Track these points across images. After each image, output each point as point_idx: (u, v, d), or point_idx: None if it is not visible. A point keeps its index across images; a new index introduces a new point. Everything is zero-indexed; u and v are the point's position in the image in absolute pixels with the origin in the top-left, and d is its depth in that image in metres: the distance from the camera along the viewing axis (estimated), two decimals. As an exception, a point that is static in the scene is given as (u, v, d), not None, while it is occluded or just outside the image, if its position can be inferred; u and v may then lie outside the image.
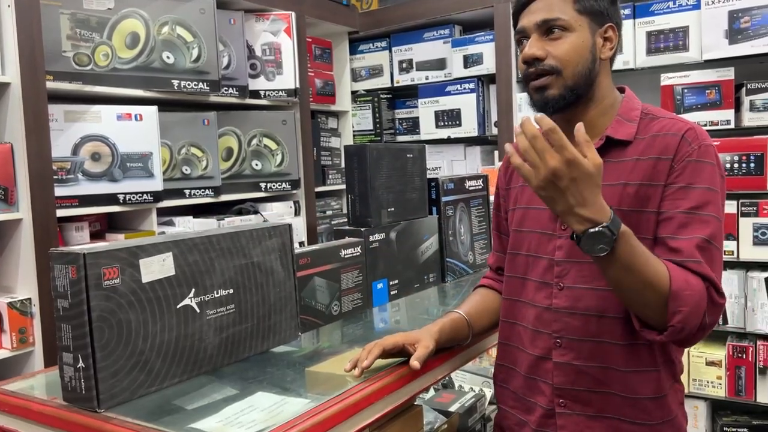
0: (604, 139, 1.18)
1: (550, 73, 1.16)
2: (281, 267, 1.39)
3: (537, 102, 1.19)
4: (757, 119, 2.52)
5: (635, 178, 1.14)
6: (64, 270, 1.06)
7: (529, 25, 1.18)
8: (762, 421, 2.64)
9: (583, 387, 1.18)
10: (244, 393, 1.15)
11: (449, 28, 3.28)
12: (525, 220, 1.28)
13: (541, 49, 1.16)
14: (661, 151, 1.14)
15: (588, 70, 1.17)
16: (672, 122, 1.17)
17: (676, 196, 1.11)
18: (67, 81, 2.15)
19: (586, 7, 1.17)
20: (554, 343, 1.20)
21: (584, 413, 1.18)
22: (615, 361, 1.16)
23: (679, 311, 1.03)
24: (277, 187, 2.86)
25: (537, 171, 0.97)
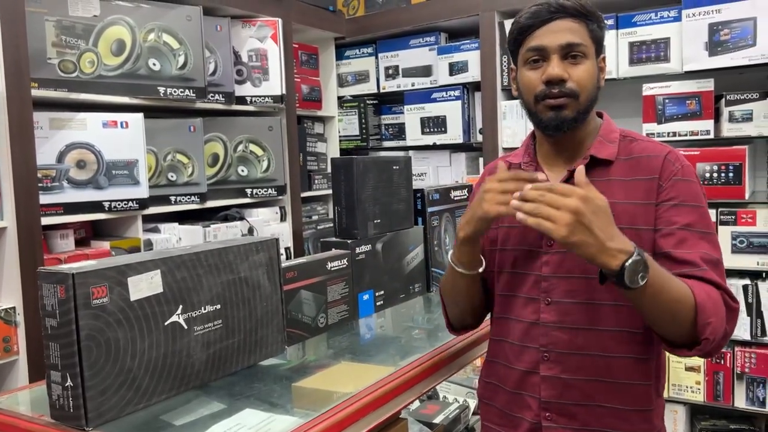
0: (588, 158, 1.22)
1: (569, 96, 1.18)
2: (268, 281, 1.41)
3: (550, 121, 1.20)
4: (735, 130, 2.57)
5: (622, 197, 1.18)
6: (52, 289, 1.06)
7: (552, 45, 1.18)
8: (739, 425, 2.69)
9: (570, 400, 1.20)
10: (231, 409, 1.17)
11: (435, 36, 3.30)
12: (509, 239, 1.30)
13: (564, 71, 1.17)
14: (646, 172, 1.19)
15: (595, 96, 1.22)
16: (652, 145, 1.24)
17: (671, 213, 1.16)
18: (52, 88, 2.14)
19: (595, 36, 1.21)
20: (542, 357, 1.22)
21: (570, 426, 1.20)
22: (602, 373, 1.19)
23: (708, 322, 1.05)
24: (263, 192, 2.86)
25: (558, 219, 1.00)
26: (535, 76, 1.20)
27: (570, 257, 1.18)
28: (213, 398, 1.23)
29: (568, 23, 1.18)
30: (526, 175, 1.10)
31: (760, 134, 2.53)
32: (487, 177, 1.17)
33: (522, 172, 1.12)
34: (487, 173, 1.42)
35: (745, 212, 2.56)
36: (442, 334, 1.63)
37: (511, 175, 1.12)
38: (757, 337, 2.58)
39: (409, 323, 1.80)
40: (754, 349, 2.58)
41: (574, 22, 1.18)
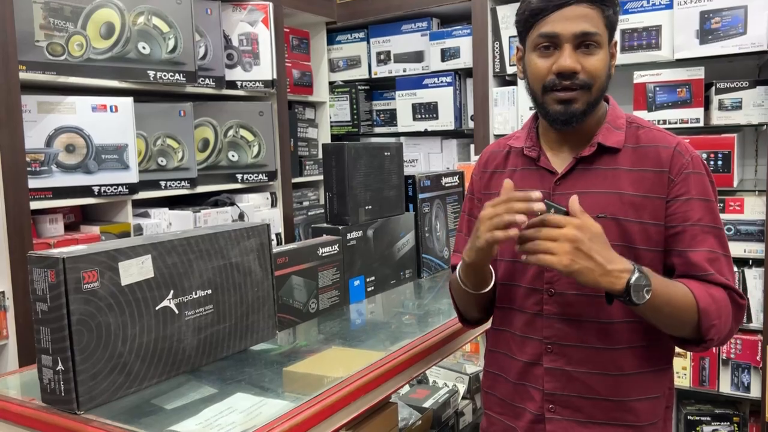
0: (596, 146, 1.18)
1: (580, 88, 1.13)
2: (259, 267, 1.41)
3: (558, 114, 1.15)
4: (725, 118, 2.59)
5: (630, 188, 1.15)
6: (43, 274, 1.06)
7: (566, 33, 1.11)
8: (724, 410, 2.74)
9: (574, 393, 1.18)
10: (222, 394, 1.17)
11: (427, 21, 3.29)
12: None
13: (577, 63, 1.12)
14: (655, 164, 1.16)
15: (605, 86, 1.18)
16: (661, 135, 1.19)
17: (682, 210, 1.13)
18: (40, 71, 2.12)
19: (610, 22, 1.15)
20: (545, 348, 1.19)
21: (574, 419, 1.18)
22: (606, 366, 1.16)
23: (712, 325, 1.08)
24: (254, 178, 2.85)
25: (558, 251, 1.01)
26: (545, 65, 1.14)
27: None
28: (204, 383, 1.23)
29: (584, 9, 1.11)
30: (520, 195, 1.06)
31: (749, 122, 2.55)
32: (486, 204, 1.10)
33: (516, 192, 1.07)
34: (486, 155, 1.37)
35: (733, 200, 2.58)
36: (432, 319, 1.65)
37: (503, 198, 1.07)
38: (742, 323, 2.61)
39: (400, 309, 1.81)
40: (740, 336, 2.62)
41: (589, 7, 1.11)
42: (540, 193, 1.06)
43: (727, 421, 2.72)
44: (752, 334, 2.61)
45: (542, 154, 1.24)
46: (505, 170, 1.29)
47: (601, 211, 1.14)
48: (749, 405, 2.74)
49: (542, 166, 1.22)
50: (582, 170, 1.19)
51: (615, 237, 1.12)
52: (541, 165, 1.22)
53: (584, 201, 1.10)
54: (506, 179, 1.10)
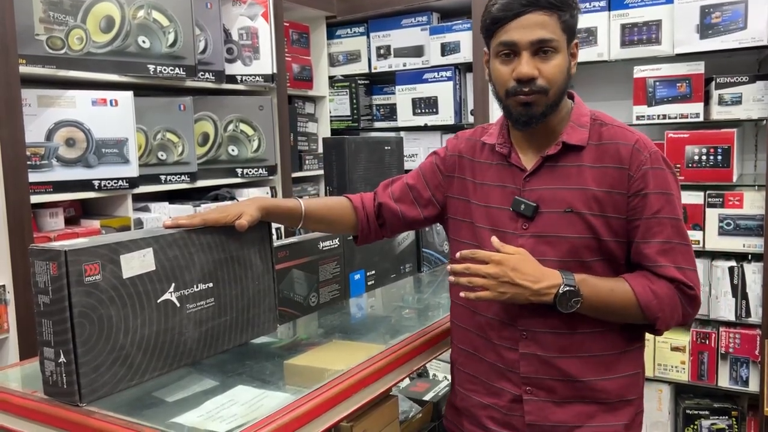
0: (561, 144, 1.24)
1: (539, 92, 1.19)
2: (260, 260, 1.41)
3: (520, 116, 1.22)
4: (725, 113, 2.59)
5: (594, 184, 1.21)
6: (44, 266, 1.06)
7: (522, 40, 1.17)
8: (722, 404, 2.75)
9: (548, 375, 1.25)
10: (224, 386, 1.18)
11: (427, 15, 3.28)
12: (483, 217, 1.31)
13: (535, 69, 1.18)
14: (615, 160, 1.22)
15: (565, 87, 1.24)
16: (621, 131, 1.25)
17: (638, 205, 1.20)
18: (40, 65, 2.12)
19: (567, 26, 1.20)
20: (520, 335, 1.26)
21: (550, 399, 1.25)
22: (576, 349, 1.24)
23: (657, 317, 1.19)
24: (254, 172, 2.85)
25: (488, 285, 1.17)
26: (506, 71, 1.20)
27: (544, 242, 1.23)
28: (205, 375, 1.24)
29: (540, 17, 1.17)
30: (467, 254, 1.21)
31: (749, 117, 2.55)
32: None
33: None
34: (463, 141, 1.42)
35: (732, 195, 2.58)
36: (432, 313, 1.65)
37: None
38: (741, 318, 2.62)
39: (400, 303, 1.82)
40: (738, 330, 2.63)
41: (545, 14, 1.17)
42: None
43: (726, 415, 2.73)
44: (751, 328, 2.61)
45: (513, 151, 1.30)
46: (481, 161, 1.36)
47: (567, 206, 1.22)
48: (747, 399, 2.75)
49: (513, 163, 1.29)
50: (549, 167, 1.26)
51: (582, 230, 1.21)
52: (512, 162, 1.30)
53: (552, 196, 1.23)
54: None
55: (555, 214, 1.22)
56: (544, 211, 1.23)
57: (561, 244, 1.22)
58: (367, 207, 1.46)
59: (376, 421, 1.47)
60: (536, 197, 1.24)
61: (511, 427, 1.29)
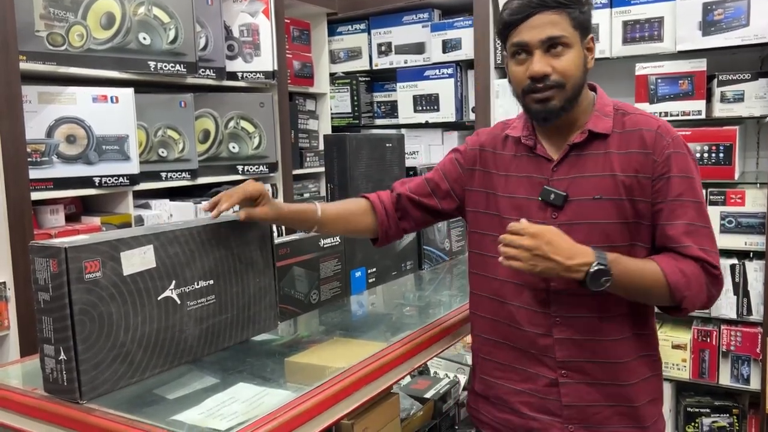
0: (587, 133, 1.28)
1: (554, 87, 1.23)
2: (261, 258, 1.41)
3: (538, 113, 1.27)
4: (727, 110, 2.58)
5: (620, 169, 1.25)
6: (44, 263, 1.06)
7: (533, 40, 1.22)
8: (723, 402, 2.74)
9: (582, 358, 1.29)
10: (224, 384, 1.18)
11: (428, 12, 3.27)
12: (511, 209, 1.34)
13: (547, 65, 1.22)
14: (640, 146, 1.26)
15: (582, 81, 1.27)
16: (644, 118, 1.29)
17: (662, 188, 1.24)
18: (40, 62, 2.11)
19: (578, 23, 1.24)
20: (553, 321, 1.29)
21: (583, 381, 1.29)
22: (608, 332, 1.28)
23: (683, 297, 1.20)
24: (255, 169, 2.85)
25: (521, 256, 1.17)
26: (521, 71, 1.25)
27: (575, 230, 1.24)
28: (206, 373, 1.23)
29: (549, 16, 1.21)
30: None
31: (751, 115, 2.54)
32: None
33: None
34: (484, 135, 1.45)
35: (734, 192, 2.58)
36: (433, 311, 1.65)
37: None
38: (742, 315, 2.61)
39: (401, 300, 1.81)
40: (740, 328, 2.62)
41: (554, 14, 1.21)
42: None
43: (727, 413, 2.73)
44: (752, 326, 2.61)
45: (538, 143, 1.33)
46: (505, 154, 1.39)
47: (596, 193, 1.25)
48: (749, 397, 2.75)
49: (539, 154, 1.32)
50: (575, 156, 1.29)
51: (611, 215, 1.25)
52: (538, 153, 1.33)
53: (580, 184, 1.26)
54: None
55: (584, 201, 1.26)
56: (573, 199, 1.27)
57: (592, 230, 1.25)
58: (384, 201, 1.48)
59: (377, 419, 1.47)
60: (564, 186, 1.28)
61: (546, 410, 1.32)
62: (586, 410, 1.29)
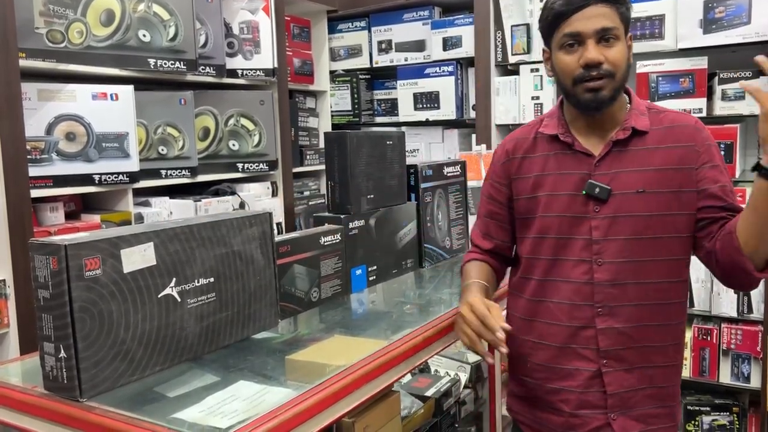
0: (630, 130, 1.34)
1: (606, 77, 1.28)
2: (261, 255, 1.40)
3: (589, 102, 1.31)
4: (728, 108, 2.58)
5: (663, 163, 1.31)
6: (44, 261, 1.06)
7: (588, 30, 1.28)
8: (723, 400, 2.74)
9: (623, 346, 1.33)
10: (225, 381, 1.17)
11: (429, 10, 3.27)
12: (551, 206, 1.38)
13: (601, 54, 1.28)
14: (681, 140, 1.33)
15: (627, 74, 1.33)
16: (679, 115, 1.38)
17: (711, 173, 1.30)
18: (40, 59, 2.11)
19: (625, 17, 1.31)
20: (596, 312, 1.33)
21: (622, 368, 1.34)
22: (649, 318, 1.33)
23: None
24: (255, 167, 2.85)
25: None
26: (572, 60, 1.30)
27: (618, 223, 1.31)
28: (206, 370, 1.23)
29: (601, 8, 1.27)
30: (493, 324, 1.23)
31: (752, 113, 2.54)
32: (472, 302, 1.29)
33: (490, 318, 1.24)
34: (513, 142, 1.48)
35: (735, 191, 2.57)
36: (434, 308, 1.65)
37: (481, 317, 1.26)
38: (743, 314, 2.61)
39: (401, 298, 1.81)
40: (740, 326, 2.62)
41: (605, 6, 1.27)
42: (509, 327, 1.24)
43: (727, 411, 2.73)
44: (752, 324, 2.61)
45: (575, 139, 1.38)
46: (536, 155, 1.43)
47: (639, 187, 1.31)
48: (749, 395, 2.75)
49: (579, 150, 1.37)
50: (617, 152, 1.34)
51: (654, 208, 1.30)
52: (577, 149, 1.37)
53: (623, 179, 1.32)
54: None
55: (628, 195, 1.31)
56: (617, 193, 1.31)
57: (635, 222, 1.31)
58: (491, 262, 1.54)
59: (377, 417, 1.46)
60: (607, 180, 1.32)
61: (587, 404, 1.35)
62: (624, 396, 1.34)
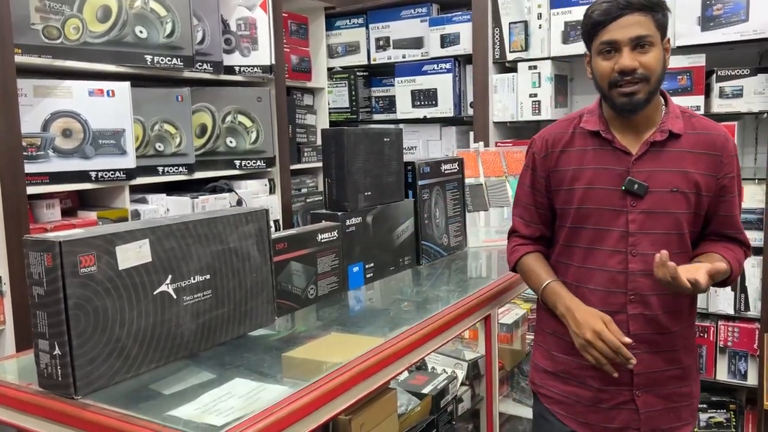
0: (667, 132, 1.42)
1: (640, 81, 1.36)
2: (258, 252, 1.40)
3: (624, 105, 1.39)
4: (725, 106, 2.58)
5: (692, 167, 1.42)
6: (39, 257, 1.05)
7: (623, 38, 1.35)
8: (720, 398, 2.75)
9: (651, 330, 1.45)
10: (221, 379, 1.17)
11: (427, 7, 3.26)
12: (588, 199, 1.47)
13: (635, 61, 1.35)
14: (710, 147, 1.43)
15: (662, 77, 1.41)
16: (710, 123, 1.47)
17: (728, 184, 1.44)
18: (36, 55, 2.09)
19: (660, 24, 1.38)
20: (629, 299, 1.44)
21: (649, 350, 1.45)
22: (670, 305, 1.45)
23: (734, 279, 1.48)
24: (252, 164, 2.84)
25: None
26: (608, 66, 1.38)
27: (652, 218, 1.42)
28: (203, 368, 1.23)
29: (636, 17, 1.34)
30: (626, 354, 1.36)
31: (750, 110, 2.54)
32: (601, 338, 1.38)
33: (624, 350, 1.36)
34: (552, 136, 1.54)
35: (733, 191, 2.57)
36: (431, 306, 1.64)
37: (609, 342, 1.37)
38: (740, 311, 2.61)
39: (399, 295, 1.81)
40: (737, 324, 2.62)
41: (641, 15, 1.34)
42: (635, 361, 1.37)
43: (724, 409, 2.73)
44: (750, 322, 2.61)
45: (614, 137, 1.46)
46: (573, 149, 1.50)
47: (674, 186, 1.41)
48: (746, 392, 2.75)
49: (618, 147, 1.45)
50: (654, 152, 1.43)
51: (684, 207, 1.42)
52: (617, 146, 1.45)
53: (658, 177, 1.41)
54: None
55: (663, 193, 1.41)
56: (653, 190, 1.41)
57: (668, 219, 1.42)
58: (543, 251, 1.62)
59: (374, 414, 1.46)
60: (643, 178, 1.41)
61: (615, 382, 1.44)
62: (651, 376, 1.46)
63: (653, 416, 1.47)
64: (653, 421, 1.48)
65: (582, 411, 1.52)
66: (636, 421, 1.47)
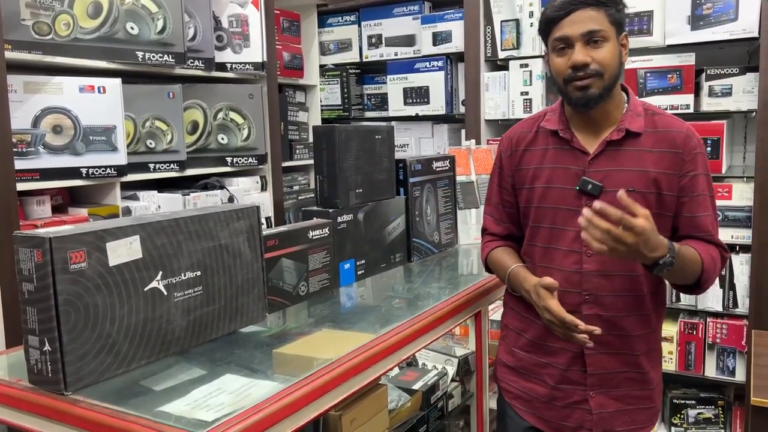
0: (624, 131, 1.41)
1: (593, 76, 1.36)
2: (249, 249, 1.40)
3: (578, 100, 1.38)
4: (714, 104, 2.60)
5: (652, 166, 1.39)
6: (29, 253, 1.05)
7: (574, 34, 1.35)
8: (709, 394, 2.77)
9: (606, 331, 1.41)
10: (212, 375, 1.17)
11: (419, 5, 3.27)
12: (546, 198, 1.47)
13: (587, 56, 1.35)
14: (671, 145, 1.40)
15: (617, 72, 1.40)
16: (672, 120, 1.44)
17: (692, 183, 1.40)
18: (26, 51, 2.08)
19: (615, 19, 1.37)
20: (583, 299, 1.44)
21: (604, 351, 1.45)
22: (630, 307, 1.44)
23: (708, 279, 1.39)
24: (244, 162, 2.83)
25: (619, 249, 1.23)
26: (563, 62, 1.38)
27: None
28: (193, 364, 1.23)
29: (588, 12, 1.35)
30: (581, 339, 1.35)
31: (739, 109, 2.56)
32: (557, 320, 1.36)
33: (572, 323, 1.34)
34: (516, 135, 1.55)
35: (721, 186, 2.59)
36: (422, 303, 1.65)
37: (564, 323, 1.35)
38: (728, 308, 2.64)
39: (390, 292, 1.81)
40: (726, 320, 2.65)
41: (593, 10, 1.35)
42: (599, 330, 1.34)
43: (712, 405, 2.75)
44: (738, 319, 2.63)
45: (573, 136, 1.45)
46: (536, 148, 1.50)
47: (629, 186, 1.37)
48: (734, 389, 2.77)
49: (575, 147, 1.44)
50: (611, 151, 1.41)
51: (641, 206, 1.34)
52: (575, 146, 1.44)
53: (615, 177, 1.39)
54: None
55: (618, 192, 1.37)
56: (608, 190, 1.38)
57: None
58: (513, 246, 1.62)
59: (365, 410, 1.47)
60: (600, 178, 1.40)
61: (569, 381, 1.47)
62: (605, 377, 1.46)
63: (605, 417, 1.47)
64: (605, 422, 1.47)
65: (539, 407, 1.53)
66: (589, 422, 1.47)
